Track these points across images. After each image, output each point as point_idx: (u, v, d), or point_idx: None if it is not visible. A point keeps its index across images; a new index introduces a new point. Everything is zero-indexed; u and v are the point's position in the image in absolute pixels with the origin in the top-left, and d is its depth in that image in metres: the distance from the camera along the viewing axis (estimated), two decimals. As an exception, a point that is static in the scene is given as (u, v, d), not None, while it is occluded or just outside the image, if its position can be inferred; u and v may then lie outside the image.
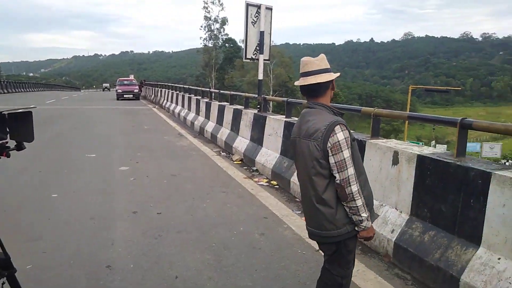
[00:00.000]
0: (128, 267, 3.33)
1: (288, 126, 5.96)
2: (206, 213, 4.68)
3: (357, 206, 2.05)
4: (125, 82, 29.83)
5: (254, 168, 6.89)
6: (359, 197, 2.04)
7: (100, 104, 23.20)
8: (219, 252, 3.65)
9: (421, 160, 3.33)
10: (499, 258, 2.65)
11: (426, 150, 3.52)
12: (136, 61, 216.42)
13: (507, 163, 34.56)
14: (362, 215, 2.07)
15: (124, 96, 27.03)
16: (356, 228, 2.13)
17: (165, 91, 21.09)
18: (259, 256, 3.60)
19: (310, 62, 2.16)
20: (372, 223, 2.19)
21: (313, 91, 2.17)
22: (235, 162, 7.54)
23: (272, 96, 40.58)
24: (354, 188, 2.03)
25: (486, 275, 2.66)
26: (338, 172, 2.03)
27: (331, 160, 2.03)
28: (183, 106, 15.37)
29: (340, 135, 2.03)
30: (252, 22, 6.84)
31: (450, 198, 3.05)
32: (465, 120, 3.13)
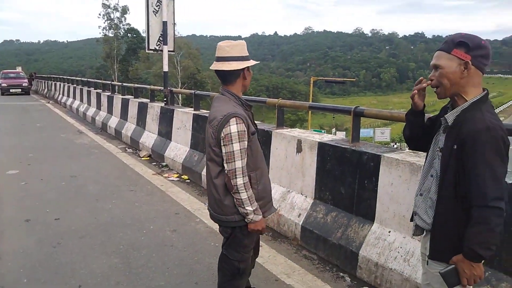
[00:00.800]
0: (21, 282, 2.98)
1: (197, 119, 5.88)
2: (112, 214, 4.40)
3: (241, 199, 2.09)
4: (11, 75, 26.41)
5: (164, 164, 6.68)
6: (244, 191, 2.07)
7: (-20, 101, 20.22)
8: (127, 254, 3.47)
9: (322, 147, 3.56)
10: (389, 231, 2.97)
11: (326, 138, 3.77)
12: (24, 51, 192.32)
13: (395, 146, 39.00)
14: (246, 208, 2.10)
15: (11, 91, 23.97)
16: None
17: (60, 84, 19.19)
18: (171, 253, 3.51)
19: (222, 47, 2.14)
20: (267, 216, 2.27)
21: (223, 78, 2.18)
22: (142, 159, 7.22)
23: (180, 88, 39.75)
24: (240, 181, 2.05)
25: (379, 247, 2.97)
26: (227, 163, 2.07)
27: (223, 150, 2.08)
28: (81, 100, 14.18)
29: (234, 127, 2.03)
30: (153, 11, 6.55)
31: (348, 180, 3.32)
32: (358, 109, 3.42)
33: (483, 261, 1.66)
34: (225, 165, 2.07)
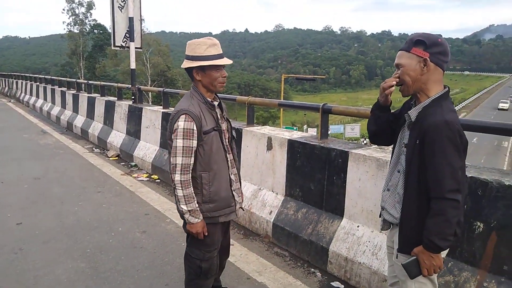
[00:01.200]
0: (-21, 293, 2.82)
1: (166, 117, 5.77)
2: (78, 217, 4.25)
3: (177, 195, 2.10)
4: (-33, 73, 25.00)
5: (133, 164, 6.52)
6: (181, 188, 2.07)
7: None
8: (95, 257, 3.36)
9: (291, 144, 3.58)
10: (358, 226, 3.03)
11: (296, 135, 3.80)
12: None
13: (364, 142, 39.91)
14: (181, 206, 2.10)
15: (-34, 89, 22.71)
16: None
17: (22, 82, 18.36)
18: (141, 255, 3.43)
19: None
20: (222, 221, 2.23)
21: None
22: (111, 159, 7.02)
23: (150, 86, 38.93)
24: (177, 177, 2.07)
25: (348, 242, 3.02)
26: (171, 157, 2.10)
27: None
28: (45, 99, 13.62)
29: (181, 124, 2.05)
30: (119, 7, 6.36)
31: (317, 176, 3.35)
32: (326, 106, 3.46)
33: (442, 252, 1.72)
34: (170, 158, 2.11)
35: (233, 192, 2.30)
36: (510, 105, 64.38)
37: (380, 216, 1.98)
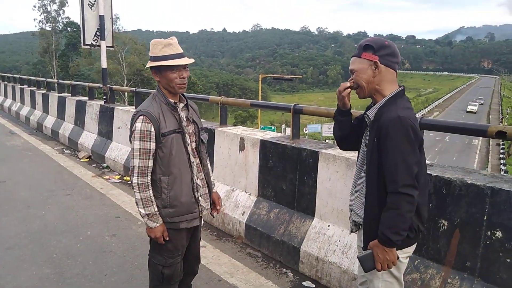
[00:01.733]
0: None
1: (138, 118, 5.65)
2: (45, 221, 4.11)
3: (135, 198, 2.07)
4: None
5: (105, 165, 6.37)
6: (138, 191, 2.03)
7: None
8: (61, 263, 3.25)
9: (264, 144, 3.57)
10: (328, 226, 3.05)
11: (268, 135, 3.79)
12: None
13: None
14: (139, 209, 2.07)
15: None
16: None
17: (-11, 81, 17.64)
18: (109, 259, 3.34)
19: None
20: (184, 227, 2.15)
21: None
22: (82, 160, 6.83)
23: (126, 86, 38.23)
24: (135, 180, 2.03)
25: (319, 241, 3.03)
26: (130, 159, 2.07)
27: None
28: (14, 99, 13.13)
29: (138, 125, 2.02)
30: (89, 4, 6.18)
31: (289, 176, 3.35)
32: (297, 106, 3.47)
33: (407, 248, 1.75)
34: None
35: (199, 198, 2.19)
36: (478, 108, 63.65)
37: (350, 218, 1.99)
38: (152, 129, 2.01)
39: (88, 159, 6.87)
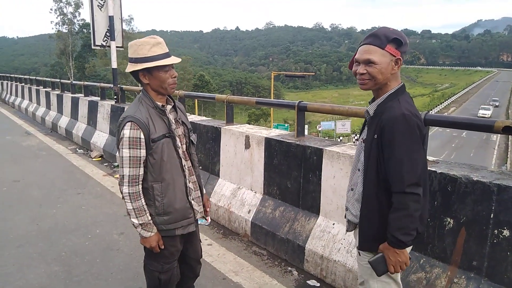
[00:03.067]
0: None
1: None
2: (55, 220, 4.18)
3: (127, 208, 1.99)
4: (-48, 74, 24.54)
5: (116, 164, 6.44)
6: (129, 201, 1.94)
7: None
8: (69, 261, 3.30)
9: (268, 142, 3.55)
10: (333, 224, 3.01)
11: (273, 133, 3.77)
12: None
13: (355, 138, 40.03)
14: (132, 219, 1.99)
15: (-48, 91, 22.28)
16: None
17: (7, 83, 18.10)
18: (116, 257, 3.38)
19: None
20: (180, 233, 2.10)
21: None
22: (94, 159, 6.94)
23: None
24: (125, 189, 1.94)
25: (324, 240, 3.00)
26: (119, 168, 1.99)
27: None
28: (30, 100, 13.43)
29: (126, 132, 1.91)
30: (98, 5, 6.26)
31: (294, 174, 3.33)
32: (301, 103, 3.43)
33: (407, 248, 1.70)
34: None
35: (192, 202, 2.14)
36: (493, 112, 52.00)
37: (345, 217, 1.96)
38: (142, 136, 1.91)
39: (100, 158, 6.97)
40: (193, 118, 4.78)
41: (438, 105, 64.38)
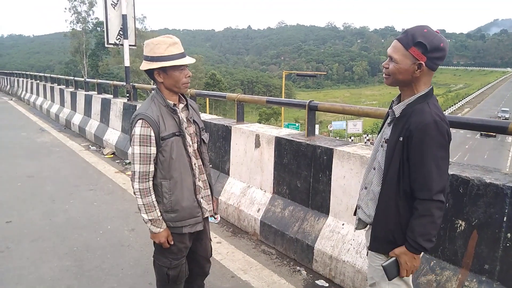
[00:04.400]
0: (-38, 291, 2.83)
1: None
2: (68, 215, 4.25)
3: (138, 204, 2.02)
4: (-30, 71, 25.16)
5: (127, 161, 6.52)
6: (140, 197, 1.98)
7: None
8: (81, 256, 3.35)
9: (278, 141, 3.54)
10: (343, 224, 3.00)
11: (283, 132, 3.76)
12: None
13: (366, 138, 39.70)
14: (142, 215, 2.04)
15: (-30, 88, 22.84)
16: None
17: (23, 80, 18.45)
18: (127, 253, 3.42)
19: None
20: (187, 231, 2.12)
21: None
22: (106, 156, 7.03)
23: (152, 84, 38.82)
24: (136, 185, 1.98)
25: (333, 240, 2.99)
26: (130, 164, 2.01)
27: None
28: (45, 97, 13.67)
29: (137, 130, 1.94)
30: (112, 4, 6.33)
31: (303, 174, 3.32)
32: (312, 103, 3.42)
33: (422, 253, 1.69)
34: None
35: (201, 200, 2.16)
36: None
37: (354, 214, 1.94)
38: (152, 133, 1.94)
39: (112, 155, 7.06)
40: (204, 116, 4.80)
41: (452, 105, 63.45)
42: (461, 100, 70.83)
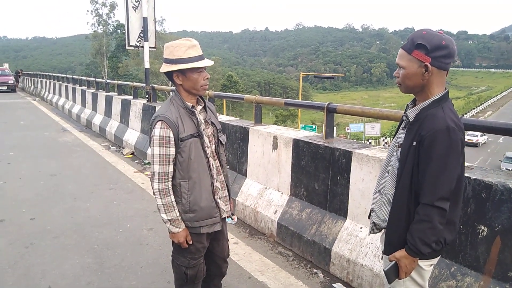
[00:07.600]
0: (-11, 285, 2.93)
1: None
2: (89, 214, 4.35)
3: (157, 204, 2.05)
4: (-4, 72, 26.00)
5: (146, 161, 6.63)
6: (159, 197, 2.02)
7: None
8: (101, 253, 3.43)
9: (296, 143, 3.54)
10: (361, 227, 2.98)
11: (301, 134, 3.76)
12: (12, 48, 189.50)
13: (384, 140, 39.16)
14: (162, 215, 2.06)
15: (-4, 88, 23.58)
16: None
17: (46, 81, 18.97)
18: (146, 252, 3.48)
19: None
20: (205, 231, 2.14)
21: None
22: (126, 156, 7.16)
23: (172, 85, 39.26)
24: (156, 186, 2.01)
25: (351, 243, 2.97)
26: (150, 165, 2.06)
27: None
28: (67, 97, 14.02)
29: (156, 131, 1.98)
30: (133, 7, 6.46)
31: (321, 176, 3.31)
32: (331, 105, 3.41)
33: (436, 258, 1.67)
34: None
35: (218, 201, 2.19)
36: None
37: (369, 218, 1.93)
38: (171, 135, 1.98)
39: (131, 155, 7.19)
40: (222, 118, 4.84)
41: (474, 108, 61.98)
42: (483, 103, 69.12)
